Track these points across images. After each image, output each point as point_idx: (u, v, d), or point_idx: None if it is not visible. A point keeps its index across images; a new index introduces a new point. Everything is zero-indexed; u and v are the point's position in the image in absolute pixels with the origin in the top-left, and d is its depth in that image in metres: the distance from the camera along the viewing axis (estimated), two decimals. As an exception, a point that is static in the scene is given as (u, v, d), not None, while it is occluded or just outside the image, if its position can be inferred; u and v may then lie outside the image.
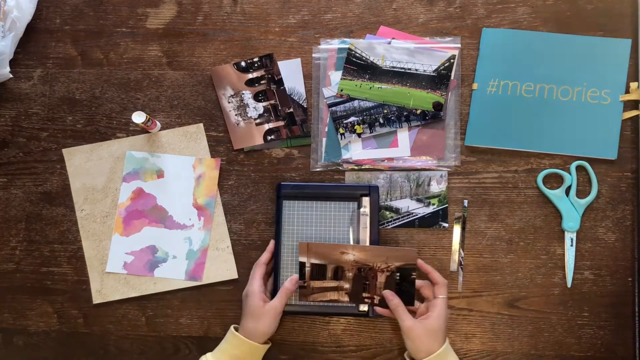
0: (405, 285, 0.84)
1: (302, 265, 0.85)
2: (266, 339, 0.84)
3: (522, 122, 0.91)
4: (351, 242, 0.88)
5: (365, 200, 0.89)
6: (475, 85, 0.92)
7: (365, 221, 0.88)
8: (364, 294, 0.85)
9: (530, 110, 0.91)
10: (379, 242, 0.89)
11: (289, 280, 0.85)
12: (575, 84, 0.91)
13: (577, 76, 0.91)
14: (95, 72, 0.98)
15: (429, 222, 0.91)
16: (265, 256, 0.88)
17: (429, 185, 0.91)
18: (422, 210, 0.91)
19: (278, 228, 0.89)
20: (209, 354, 0.83)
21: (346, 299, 0.86)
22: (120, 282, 0.93)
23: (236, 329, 0.84)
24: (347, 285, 0.85)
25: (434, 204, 0.90)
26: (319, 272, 0.85)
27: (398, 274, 0.84)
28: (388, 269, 0.84)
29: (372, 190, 0.89)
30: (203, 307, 0.92)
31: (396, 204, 0.92)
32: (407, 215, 0.91)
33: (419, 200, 0.91)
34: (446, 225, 0.91)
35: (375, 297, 0.85)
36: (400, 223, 0.91)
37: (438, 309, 0.81)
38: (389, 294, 0.83)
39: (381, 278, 0.84)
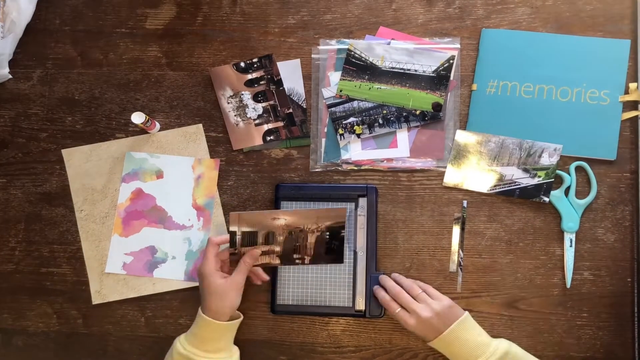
0: (335, 243, 0.86)
1: (232, 234, 0.85)
2: (232, 314, 0.84)
3: (521, 123, 0.91)
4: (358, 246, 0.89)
5: (363, 201, 0.89)
6: (474, 86, 0.92)
7: (363, 222, 0.88)
8: (295, 255, 0.87)
9: (530, 111, 0.91)
10: (376, 244, 0.89)
11: (249, 255, 0.85)
12: (575, 85, 0.91)
13: (576, 77, 0.91)
14: (94, 72, 0.98)
15: (530, 193, 0.89)
16: (220, 238, 0.85)
17: (540, 156, 0.89)
18: (526, 180, 0.90)
19: None
20: (182, 336, 0.83)
21: (277, 261, 0.87)
22: (119, 283, 0.93)
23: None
24: (278, 249, 0.86)
25: (540, 176, 0.89)
26: (250, 239, 0.85)
27: (328, 233, 0.86)
28: (318, 229, 0.85)
29: (369, 192, 0.89)
30: (202, 307, 0.92)
31: (501, 169, 0.90)
32: (510, 183, 0.90)
33: (525, 170, 0.90)
34: (547, 199, 0.89)
35: (305, 257, 0.87)
36: (499, 190, 0.90)
37: (405, 326, 0.83)
38: (378, 291, 0.87)
39: (311, 238, 0.86)
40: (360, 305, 0.88)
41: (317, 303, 0.89)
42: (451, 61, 0.93)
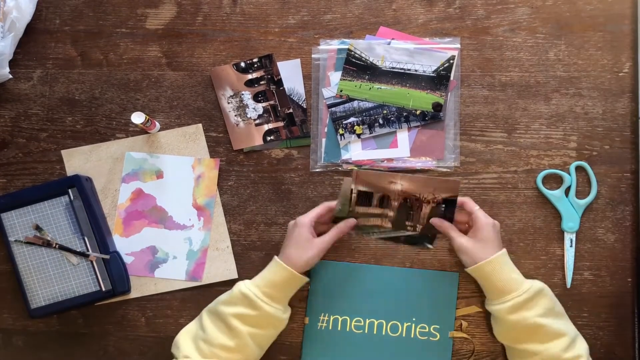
0: (448, 215, 0.86)
1: (350, 191, 0.86)
2: (306, 270, 0.83)
3: None
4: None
5: (74, 191, 0.91)
6: (306, 320, 0.90)
7: (81, 209, 0.90)
8: (407, 222, 0.87)
9: (361, 348, 0.88)
10: (102, 225, 0.92)
11: (345, 222, 0.86)
12: (404, 319, 0.88)
13: (405, 310, 0.89)
14: (94, 72, 0.98)
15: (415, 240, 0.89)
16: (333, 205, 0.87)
17: None
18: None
19: (8, 246, 0.91)
20: (247, 280, 0.83)
21: (389, 225, 0.88)
22: (119, 283, 0.93)
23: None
24: (391, 214, 0.87)
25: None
26: (365, 199, 0.86)
27: (443, 206, 0.86)
28: (434, 200, 0.85)
29: (75, 181, 0.91)
30: (202, 307, 0.92)
31: None
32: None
33: None
34: (431, 246, 0.91)
35: (417, 225, 0.87)
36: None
37: (480, 221, 0.83)
38: (437, 221, 0.86)
39: (426, 209, 0.86)
40: (107, 286, 0.90)
41: (68, 296, 0.90)
42: (451, 61, 0.93)
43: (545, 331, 0.78)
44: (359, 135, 0.93)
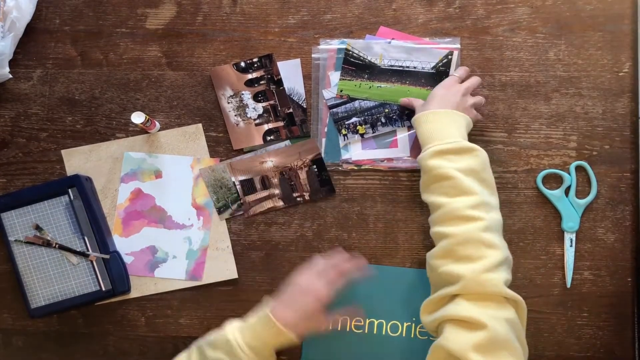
0: (324, 174, 0.91)
1: (233, 184, 0.91)
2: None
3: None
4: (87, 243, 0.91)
5: (73, 191, 0.91)
6: None
7: (81, 209, 0.90)
8: (294, 194, 0.91)
9: (361, 347, 0.88)
10: (102, 225, 0.92)
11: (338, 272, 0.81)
12: (404, 319, 0.89)
13: (405, 310, 0.89)
14: (94, 72, 0.98)
15: None
16: (347, 266, 0.82)
17: None
18: None
19: (8, 246, 0.91)
20: (236, 322, 0.77)
21: (281, 203, 0.91)
22: (119, 283, 0.93)
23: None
24: (277, 191, 0.91)
25: None
26: (248, 186, 0.91)
27: (315, 166, 0.90)
28: (304, 164, 0.90)
29: (75, 181, 0.91)
30: (202, 307, 0.92)
31: None
32: None
33: None
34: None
35: (304, 193, 0.91)
36: None
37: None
38: (406, 100, 0.90)
39: (302, 174, 0.90)
40: (107, 285, 0.90)
41: (68, 296, 0.90)
42: (450, 57, 0.93)
43: (455, 184, 0.75)
44: (362, 135, 0.93)
